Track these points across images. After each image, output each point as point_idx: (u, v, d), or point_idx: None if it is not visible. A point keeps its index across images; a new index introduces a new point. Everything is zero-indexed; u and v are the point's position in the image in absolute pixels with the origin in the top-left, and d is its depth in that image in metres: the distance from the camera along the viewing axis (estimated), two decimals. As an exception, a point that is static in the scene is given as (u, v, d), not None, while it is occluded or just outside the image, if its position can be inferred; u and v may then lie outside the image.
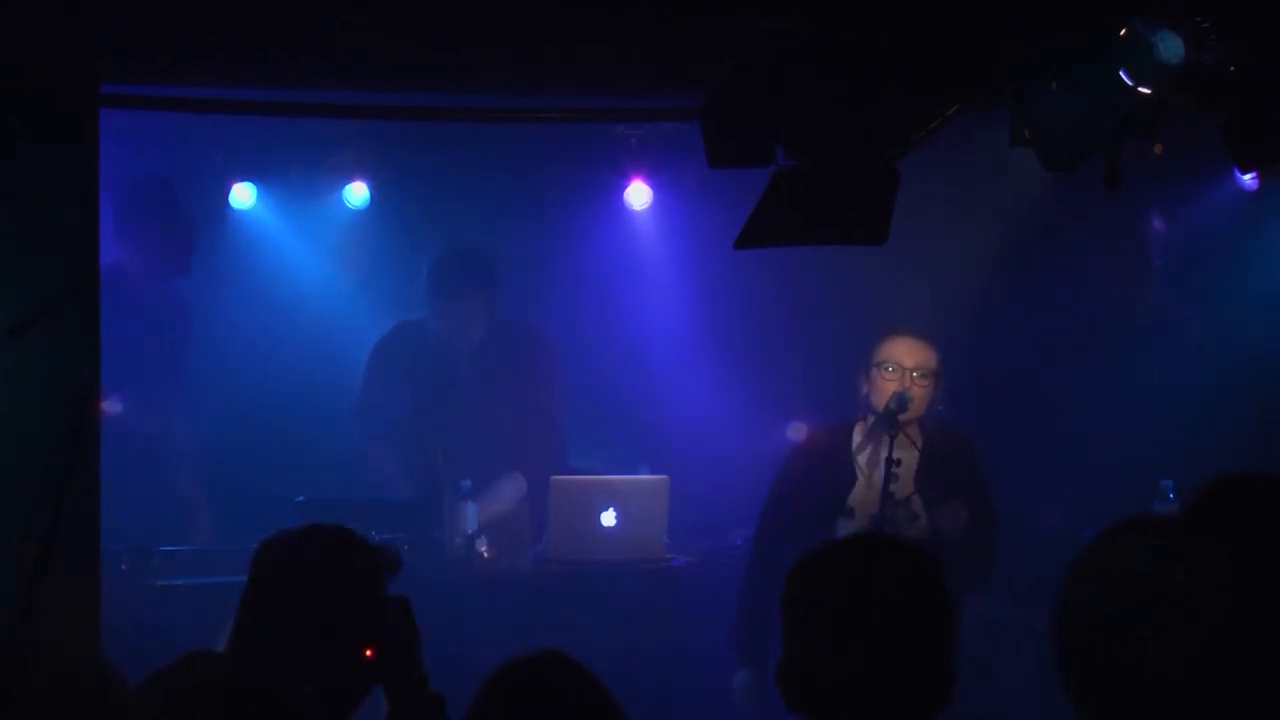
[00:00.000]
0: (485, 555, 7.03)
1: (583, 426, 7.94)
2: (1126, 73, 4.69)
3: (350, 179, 8.01)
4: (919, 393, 6.31)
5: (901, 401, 6.25)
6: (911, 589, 2.96)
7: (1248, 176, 6.82)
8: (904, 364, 6.34)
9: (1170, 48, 4.60)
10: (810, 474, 6.47)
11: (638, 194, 8.17)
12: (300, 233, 8.10)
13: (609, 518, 7.06)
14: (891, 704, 2.90)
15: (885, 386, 6.32)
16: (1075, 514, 7.23)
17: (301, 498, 6.87)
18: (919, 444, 6.36)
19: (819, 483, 6.42)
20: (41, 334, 4.93)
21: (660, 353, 8.21)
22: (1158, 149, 4.95)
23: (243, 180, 7.95)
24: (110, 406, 6.58)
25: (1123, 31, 4.69)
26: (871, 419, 6.40)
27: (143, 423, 7.09)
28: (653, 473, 7.40)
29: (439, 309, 7.56)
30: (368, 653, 3.67)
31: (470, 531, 7.03)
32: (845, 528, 6.32)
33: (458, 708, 3.34)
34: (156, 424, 7.26)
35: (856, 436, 6.47)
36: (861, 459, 6.42)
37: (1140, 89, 4.69)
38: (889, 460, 6.19)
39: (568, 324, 7.92)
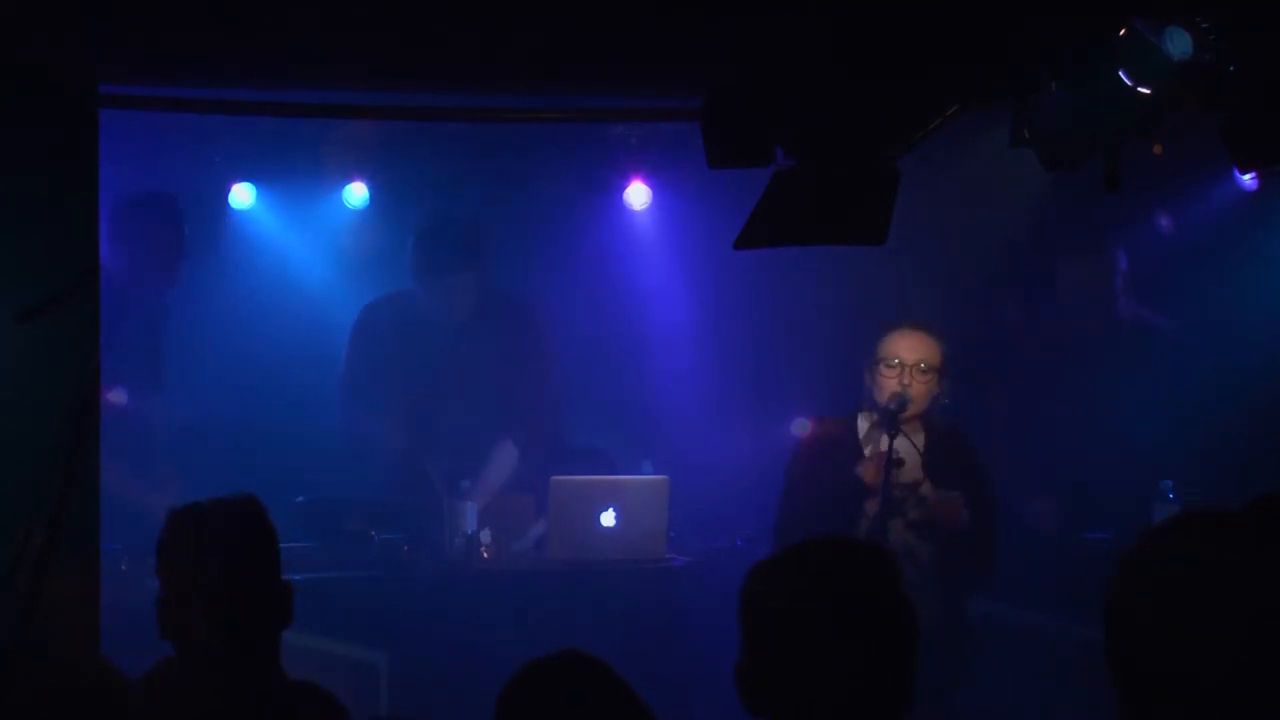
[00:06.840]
0: (485, 555, 7.02)
1: (585, 425, 7.94)
2: (1126, 73, 4.70)
3: (350, 179, 8.00)
4: (919, 389, 6.22)
5: (901, 403, 6.18)
6: (871, 593, 2.94)
7: (1248, 176, 6.82)
8: (905, 359, 6.24)
9: (1179, 44, 4.61)
10: (825, 455, 6.36)
11: (638, 194, 8.16)
12: (300, 233, 8.09)
13: (609, 518, 7.05)
14: (851, 708, 2.89)
15: (886, 383, 6.23)
16: (1074, 515, 7.23)
17: (301, 498, 6.87)
18: (922, 436, 6.31)
19: (837, 465, 6.32)
20: (42, 328, 4.94)
21: (660, 353, 8.20)
22: (1157, 149, 4.95)
23: (243, 180, 7.94)
24: (113, 402, 6.58)
25: (1123, 31, 4.70)
26: (874, 414, 6.35)
27: (139, 423, 7.08)
28: (657, 470, 7.39)
29: (426, 285, 7.50)
30: None
31: (470, 531, 7.02)
32: (871, 508, 6.25)
33: (460, 706, 3.35)
34: (154, 424, 7.25)
35: (862, 425, 6.41)
36: (866, 452, 6.37)
37: (1140, 89, 4.70)
38: (889, 462, 6.15)
39: (567, 324, 7.91)
